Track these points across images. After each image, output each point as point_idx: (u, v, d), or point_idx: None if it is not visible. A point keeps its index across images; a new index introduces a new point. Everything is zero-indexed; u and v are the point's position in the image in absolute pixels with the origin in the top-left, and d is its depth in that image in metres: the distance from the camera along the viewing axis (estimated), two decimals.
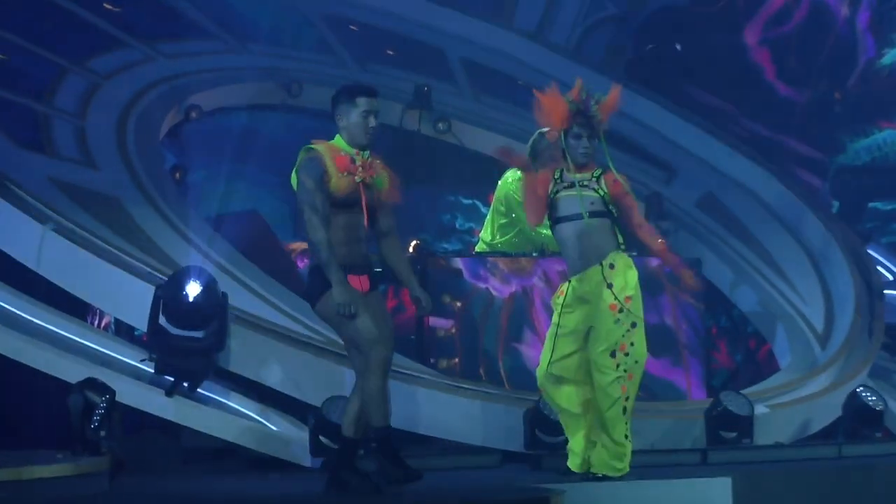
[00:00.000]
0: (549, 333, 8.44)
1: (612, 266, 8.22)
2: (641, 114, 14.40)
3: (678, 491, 7.99)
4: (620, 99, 8.43)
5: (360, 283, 7.47)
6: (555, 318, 8.39)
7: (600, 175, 8.34)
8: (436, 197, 14.66)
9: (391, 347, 7.47)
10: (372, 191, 7.54)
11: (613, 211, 8.31)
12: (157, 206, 10.91)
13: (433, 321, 10.74)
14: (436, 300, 10.80)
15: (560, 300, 8.35)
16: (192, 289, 9.17)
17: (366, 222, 7.51)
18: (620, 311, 8.14)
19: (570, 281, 8.33)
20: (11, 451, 8.58)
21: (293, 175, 7.52)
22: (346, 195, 7.42)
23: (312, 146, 7.48)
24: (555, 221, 8.40)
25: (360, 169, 7.47)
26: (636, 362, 8.19)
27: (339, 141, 7.56)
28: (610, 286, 8.17)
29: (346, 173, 7.41)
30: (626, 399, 8.17)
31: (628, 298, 8.18)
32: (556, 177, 8.40)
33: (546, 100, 8.32)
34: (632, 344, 8.16)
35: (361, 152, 7.55)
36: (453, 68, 14.52)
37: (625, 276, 8.22)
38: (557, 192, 8.36)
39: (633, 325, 8.18)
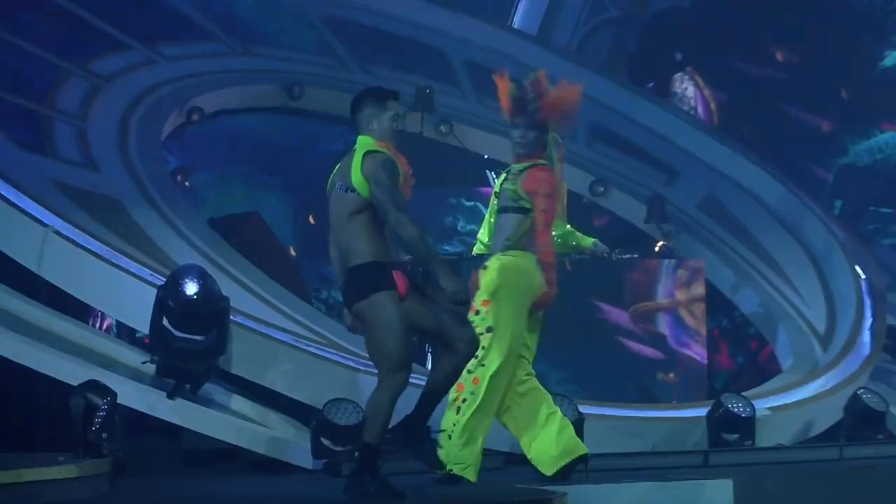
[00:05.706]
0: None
1: (484, 268, 8.11)
2: (643, 115, 14.41)
3: (679, 492, 7.97)
4: (576, 95, 8.21)
5: (403, 281, 7.15)
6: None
7: (524, 169, 8.11)
8: (438, 199, 14.64)
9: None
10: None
11: (527, 206, 8.07)
12: (159, 209, 10.92)
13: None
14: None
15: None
16: (192, 288, 9.19)
17: None
18: (476, 313, 7.99)
19: None
20: (12, 453, 8.58)
21: (357, 175, 7.04)
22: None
23: (378, 149, 7.14)
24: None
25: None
26: (482, 366, 7.95)
27: (373, 143, 7.19)
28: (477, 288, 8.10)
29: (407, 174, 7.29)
30: (462, 399, 7.97)
31: (485, 302, 8.01)
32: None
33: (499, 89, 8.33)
34: (483, 348, 7.82)
35: None
36: (455, 70, 14.51)
37: (484, 279, 8.07)
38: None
39: (488, 329, 7.98)
